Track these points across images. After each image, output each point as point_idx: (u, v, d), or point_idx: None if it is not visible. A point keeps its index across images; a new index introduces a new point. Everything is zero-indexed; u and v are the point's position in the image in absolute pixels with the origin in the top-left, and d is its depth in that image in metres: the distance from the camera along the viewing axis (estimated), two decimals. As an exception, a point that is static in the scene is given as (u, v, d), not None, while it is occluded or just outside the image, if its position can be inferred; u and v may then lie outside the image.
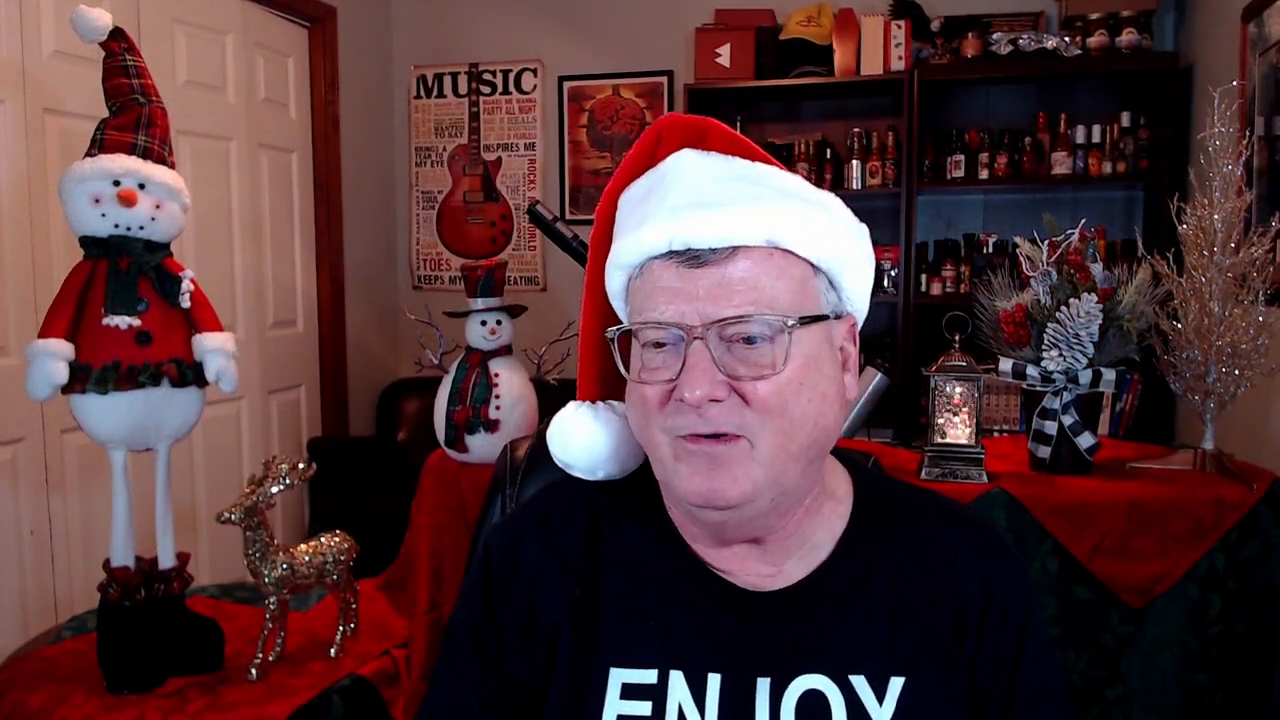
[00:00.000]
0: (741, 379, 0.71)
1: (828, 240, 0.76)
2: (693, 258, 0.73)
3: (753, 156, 0.79)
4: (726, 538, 0.79)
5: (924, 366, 1.90)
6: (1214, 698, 1.73)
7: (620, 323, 0.81)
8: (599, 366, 0.87)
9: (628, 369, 0.78)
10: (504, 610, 0.82)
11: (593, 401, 0.87)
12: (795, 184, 0.77)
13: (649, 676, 0.77)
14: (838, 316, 0.78)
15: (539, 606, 0.81)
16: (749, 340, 0.72)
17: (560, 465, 0.87)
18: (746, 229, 0.72)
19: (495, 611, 0.83)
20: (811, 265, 0.76)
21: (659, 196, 0.76)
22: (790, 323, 0.72)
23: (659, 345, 0.74)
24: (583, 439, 0.85)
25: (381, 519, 3.23)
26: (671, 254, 0.74)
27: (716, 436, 0.72)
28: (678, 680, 0.77)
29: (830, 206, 0.79)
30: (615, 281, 0.80)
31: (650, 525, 0.84)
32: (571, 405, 0.88)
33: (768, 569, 0.80)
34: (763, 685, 0.76)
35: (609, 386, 0.87)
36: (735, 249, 0.72)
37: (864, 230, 0.82)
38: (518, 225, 4.21)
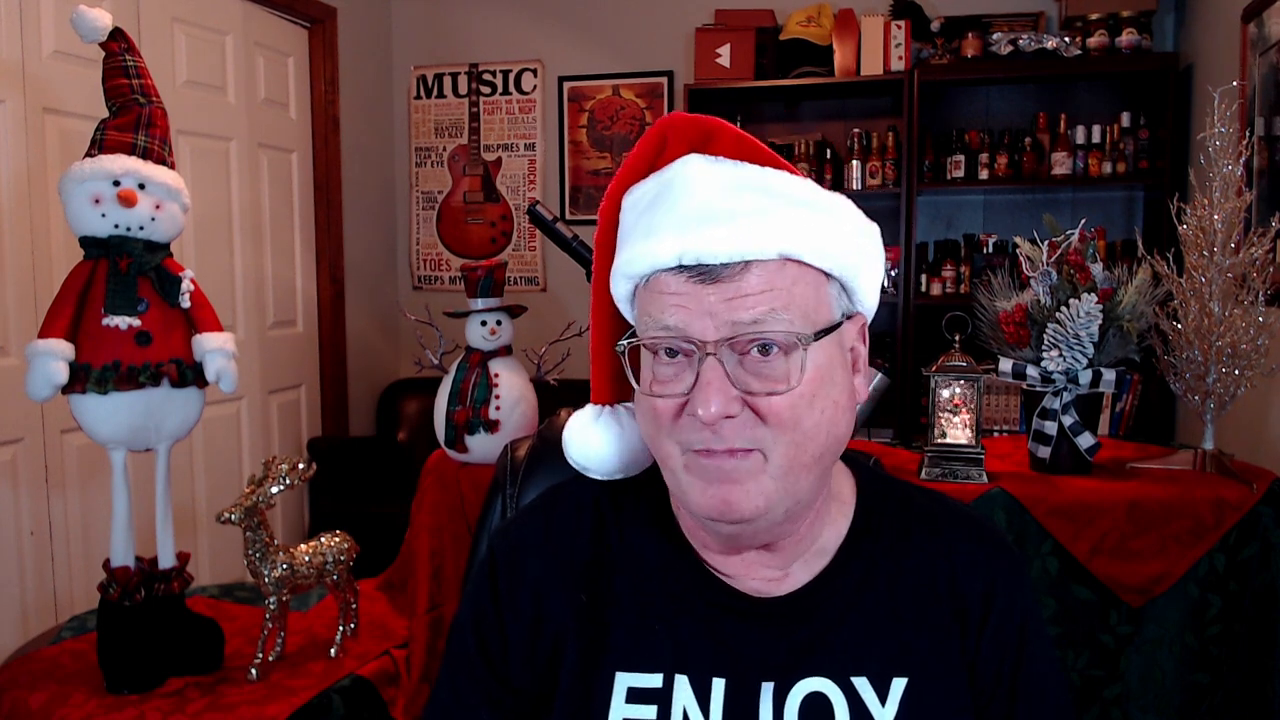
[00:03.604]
0: (755, 394, 0.71)
1: (839, 246, 0.75)
2: (703, 272, 0.71)
3: (761, 158, 0.77)
4: (739, 545, 0.79)
5: (924, 366, 1.90)
6: (1214, 698, 1.72)
7: (628, 325, 0.81)
8: (611, 368, 0.86)
9: (638, 377, 0.77)
10: (509, 614, 0.82)
11: (607, 404, 0.86)
12: (805, 190, 0.75)
13: (654, 681, 0.77)
14: (848, 317, 0.77)
15: (544, 611, 0.81)
16: (763, 350, 0.71)
17: (577, 468, 0.87)
18: (758, 242, 0.70)
19: (500, 615, 0.82)
20: (824, 273, 0.75)
21: (667, 207, 0.74)
22: (806, 339, 0.71)
23: (671, 354, 0.73)
24: (602, 444, 0.84)
25: (381, 519, 3.23)
26: (681, 268, 0.72)
27: (728, 451, 0.72)
28: (682, 684, 0.77)
29: (840, 210, 0.77)
30: (621, 289, 0.79)
31: (655, 529, 0.84)
32: (590, 410, 0.87)
33: (775, 572, 0.80)
34: (766, 689, 0.76)
35: (623, 387, 0.86)
36: (747, 263, 0.71)
37: (875, 230, 0.80)
38: (518, 225, 4.21)
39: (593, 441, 0.85)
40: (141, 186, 1.57)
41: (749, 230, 0.71)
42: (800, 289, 0.72)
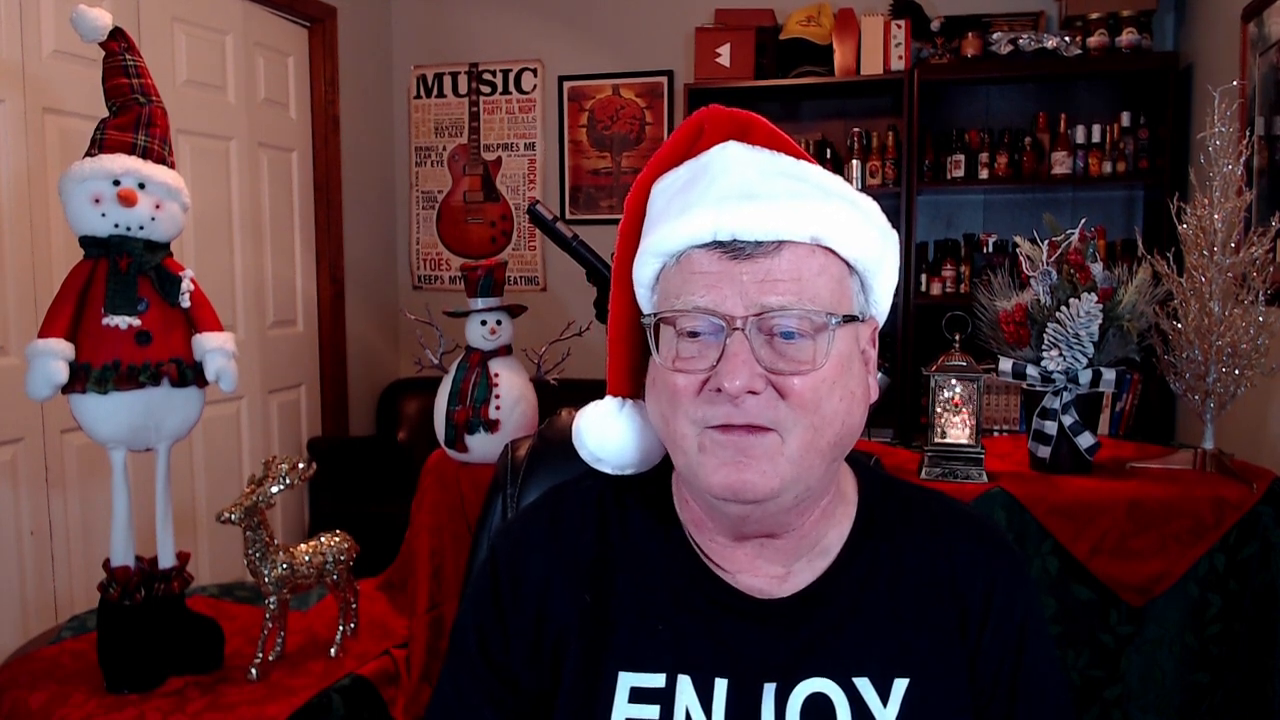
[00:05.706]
0: (780, 373, 0.72)
1: (866, 241, 0.77)
2: (737, 249, 0.72)
3: (794, 153, 0.78)
4: (744, 532, 0.79)
5: (924, 366, 1.90)
6: (1214, 697, 1.72)
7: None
8: (630, 360, 0.86)
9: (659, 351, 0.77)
10: (512, 614, 0.82)
11: (625, 396, 0.86)
12: (838, 184, 0.78)
13: (657, 681, 0.77)
14: (863, 319, 0.79)
15: (548, 611, 0.81)
16: (787, 335, 0.72)
17: (589, 460, 0.86)
18: (793, 224, 0.72)
19: (503, 615, 0.82)
20: (848, 265, 0.77)
21: (703, 186, 0.75)
22: (834, 320, 0.72)
23: (694, 335, 0.74)
24: (621, 436, 0.85)
25: (381, 519, 3.23)
26: (714, 244, 0.73)
27: (748, 427, 0.72)
28: (685, 685, 0.77)
29: (869, 210, 0.79)
30: (647, 269, 0.79)
31: (659, 529, 0.83)
32: (611, 402, 0.86)
33: (778, 570, 0.80)
34: (769, 690, 0.76)
35: (640, 381, 0.86)
36: (781, 243, 0.72)
37: (895, 236, 0.82)
38: (518, 225, 4.21)
39: (611, 433, 0.85)
40: (141, 186, 1.57)
41: (785, 211, 0.73)
42: (825, 280, 0.74)
